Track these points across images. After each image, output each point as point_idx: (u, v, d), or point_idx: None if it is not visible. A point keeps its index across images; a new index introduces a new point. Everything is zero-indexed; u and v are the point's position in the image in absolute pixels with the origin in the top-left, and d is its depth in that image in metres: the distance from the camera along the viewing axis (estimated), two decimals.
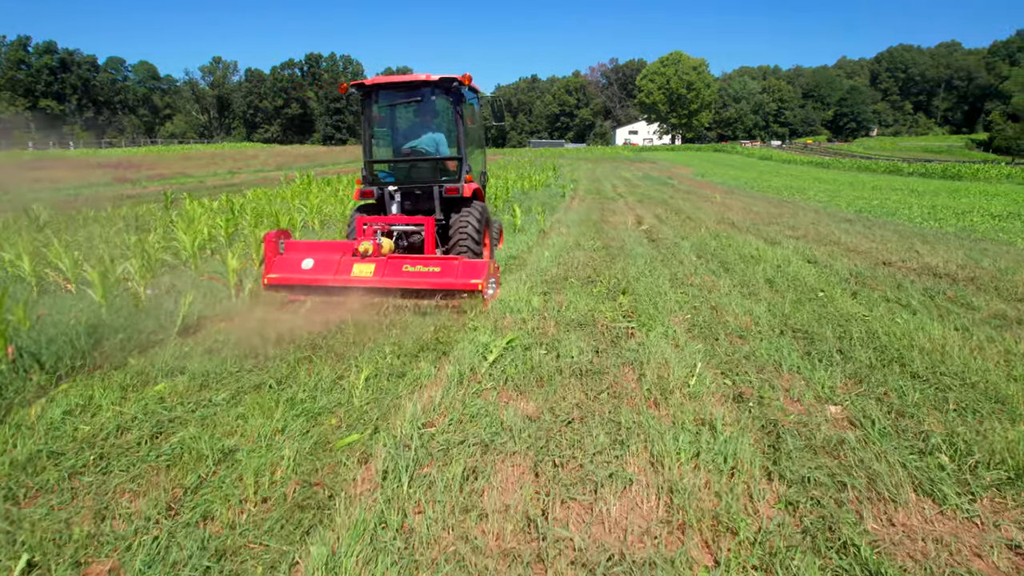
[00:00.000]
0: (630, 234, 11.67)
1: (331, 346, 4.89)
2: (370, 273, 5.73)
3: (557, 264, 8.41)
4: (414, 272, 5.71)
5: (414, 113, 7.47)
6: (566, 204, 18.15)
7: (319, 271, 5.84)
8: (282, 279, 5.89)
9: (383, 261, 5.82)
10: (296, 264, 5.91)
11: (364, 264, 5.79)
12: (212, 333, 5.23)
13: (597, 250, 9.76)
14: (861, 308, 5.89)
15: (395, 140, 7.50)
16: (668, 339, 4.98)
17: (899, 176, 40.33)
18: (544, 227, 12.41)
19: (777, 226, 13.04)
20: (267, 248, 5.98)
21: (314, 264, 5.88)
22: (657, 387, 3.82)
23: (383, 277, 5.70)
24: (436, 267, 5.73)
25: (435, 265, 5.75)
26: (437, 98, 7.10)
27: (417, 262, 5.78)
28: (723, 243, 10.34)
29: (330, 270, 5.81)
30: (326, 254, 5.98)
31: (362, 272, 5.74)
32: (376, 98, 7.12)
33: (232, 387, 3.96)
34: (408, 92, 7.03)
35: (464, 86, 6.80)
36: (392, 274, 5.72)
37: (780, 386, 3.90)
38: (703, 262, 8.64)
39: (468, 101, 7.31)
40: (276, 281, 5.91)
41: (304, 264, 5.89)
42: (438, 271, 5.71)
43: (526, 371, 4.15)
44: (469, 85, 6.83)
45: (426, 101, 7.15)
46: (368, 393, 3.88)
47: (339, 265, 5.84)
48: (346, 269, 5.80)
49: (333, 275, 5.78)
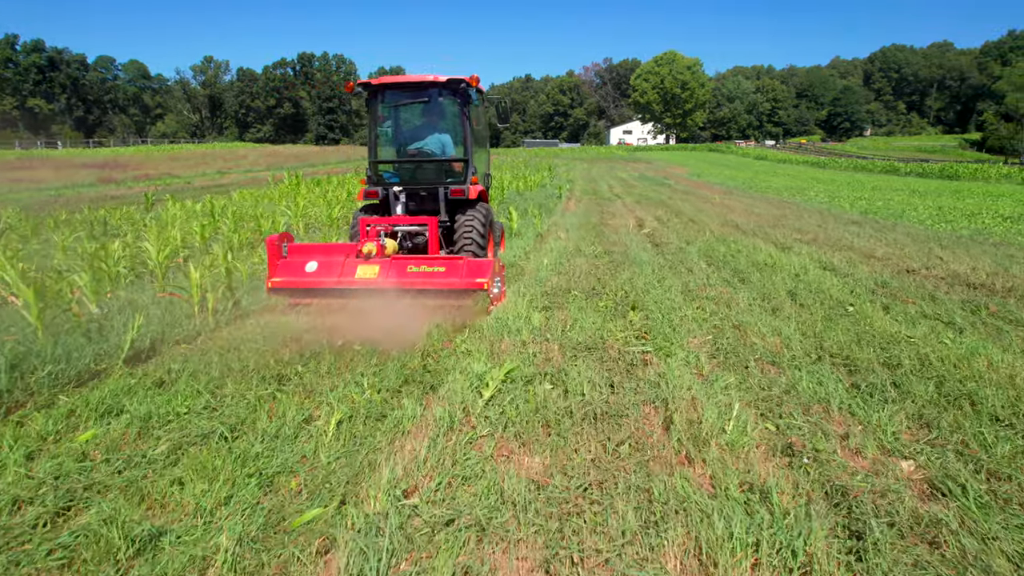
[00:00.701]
0: (632, 238, 11.03)
1: (302, 377, 4.22)
2: (374, 274, 5.64)
3: (557, 273, 7.76)
4: (419, 273, 5.63)
5: (420, 114, 7.40)
6: (563, 206, 17.49)
7: (323, 273, 5.75)
8: (286, 283, 5.77)
9: (387, 262, 5.72)
10: (300, 267, 5.82)
11: (368, 266, 5.71)
12: (166, 361, 4.54)
13: (599, 256, 9.11)
14: (900, 326, 5.26)
15: (401, 140, 7.42)
16: (690, 367, 4.33)
17: (896, 176, 39.96)
18: (541, 231, 11.75)
19: (784, 229, 12.44)
20: (270, 251, 5.84)
21: (318, 267, 5.79)
22: (688, 435, 3.16)
23: (388, 278, 5.60)
24: (441, 267, 5.65)
25: (440, 265, 5.66)
26: (444, 99, 7.02)
27: (422, 262, 5.71)
28: (731, 248, 9.72)
29: (334, 272, 5.73)
30: (330, 256, 5.89)
31: (366, 274, 5.66)
32: (383, 98, 7.02)
33: (175, 435, 3.27)
34: (415, 93, 6.94)
35: (472, 87, 6.74)
36: (397, 275, 5.63)
37: (834, 432, 3.25)
38: (715, 270, 8.01)
39: (474, 103, 7.21)
40: (280, 285, 5.77)
41: (308, 267, 5.81)
42: (443, 271, 5.63)
43: (529, 413, 3.48)
44: (476, 87, 6.77)
45: (433, 102, 7.07)
46: (339, 444, 3.21)
47: (343, 267, 5.76)
48: (350, 271, 5.72)
49: (337, 277, 5.69)
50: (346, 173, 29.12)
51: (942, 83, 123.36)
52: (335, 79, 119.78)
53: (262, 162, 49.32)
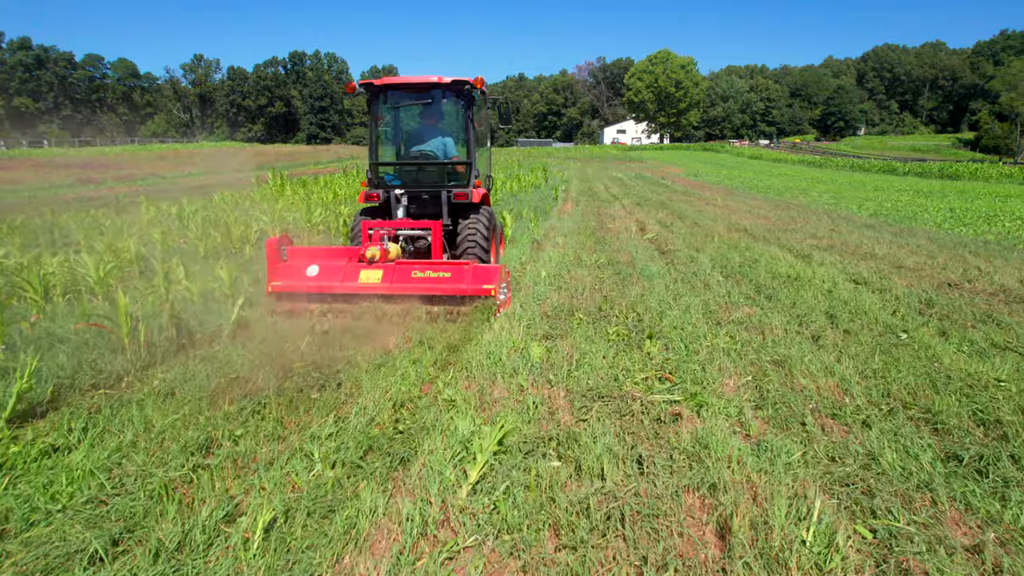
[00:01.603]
0: (636, 245, 10.12)
1: (237, 441, 3.27)
2: (378, 279, 5.52)
3: (557, 288, 6.84)
4: (424, 278, 5.50)
5: (423, 115, 7.28)
6: (559, 208, 16.55)
7: (325, 278, 5.60)
8: (287, 286, 5.60)
9: (391, 267, 5.60)
10: (301, 271, 5.67)
11: (371, 270, 5.56)
12: (68, 417, 3.57)
13: (602, 267, 8.19)
14: (974, 361, 4.37)
15: (403, 142, 7.28)
16: (733, 424, 3.42)
17: (895, 176, 39.28)
18: (537, 237, 10.81)
19: (796, 234, 11.55)
20: (269, 254, 5.69)
21: (320, 271, 5.65)
22: (755, 551, 2.24)
23: (392, 283, 5.48)
24: (446, 272, 5.51)
25: (445, 271, 5.53)
26: (448, 101, 6.95)
27: (427, 268, 5.58)
28: (746, 257, 8.82)
29: (336, 276, 5.58)
30: (331, 260, 5.75)
31: (370, 278, 5.52)
32: (384, 99, 6.88)
33: (28, 558, 2.31)
34: (418, 94, 6.86)
35: (476, 89, 6.61)
36: (401, 280, 5.50)
37: (958, 543, 2.34)
38: (734, 284, 7.11)
39: (478, 104, 7.10)
40: (281, 289, 5.61)
41: (309, 271, 5.66)
42: (449, 276, 5.49)
43: (531, 509, 2.56)
44: (480, 88, 6.63)
45: (436, 103, 6.97)
46: (264, 560, 2.27)
47: (345, 271, 5.60)
48: (353, 275, 5.56)
49: (340, 282, 5.54)
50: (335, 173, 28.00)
51: (934, 83, 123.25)
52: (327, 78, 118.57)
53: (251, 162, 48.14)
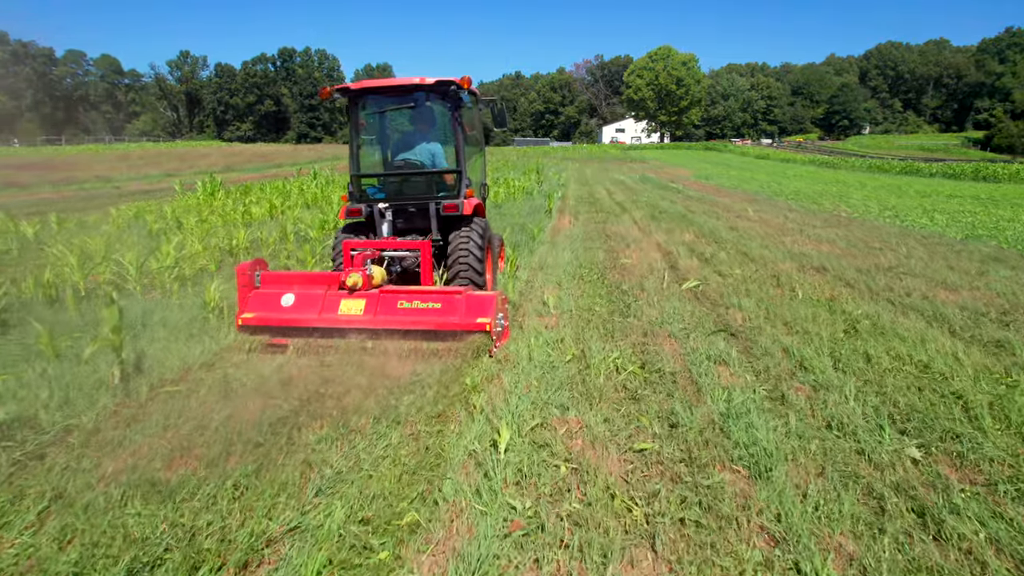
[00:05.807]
0: (673, 306, 6.41)
1: None
2: (360, 311, 4.93)
3: (549, 462, 3.45)
4: (411, 309, 4.90)
5: (407, 121, 6.85)
6: (553, 226, 13.09)
7: (301, 309, 5.00)
8: (259, 319, 5.00)
9: (375, 296, 5.01)
10: (275, 300, 5.06)
11: (353, 300, 4.99)
12: None
13: (637, 395, 4.27)
14: None
15: (386, 151, 6.80)
16: None
17: (921, 177, 35.93)
18: (513, 296, 6.81)
19: (907, 278, 7.68)
20: (240, 282, 5.15)
21: (295, 300, 5.05)
22: None
23: (375, 316, 4.89)
24: (436, 303, 4.89)
25: (435, 301, 4.91)
26: (433, 104, 6.39)
27: (414, 297, 4.96)
28: (880, 345, 5.19)
29: (314, 307, 5.00)
30: (308, 288, 5.13)
31: (351, 309, 4.95)
32: (364, 104, 6.38)
33: None
34: (400, 97, 6.36)
35: (463, 90, 5.99)
36: (385, 312, 4.90)
37: None
38: (896, 431, 3.71)
39: (467, 106, 6.40)
40: (252, 322, 5.00)
41: (284, 300, 5.05)
42: (439, 308, 4.87)
43: None
44: (468, 89, 6.00)
45: (420, 107, 6.43)
46: None
47: (324, 301, 5.02)
48: (332, 306, 4.98)
49: (318, 314, 4.95)
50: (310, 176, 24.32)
51: (939, 81, 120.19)
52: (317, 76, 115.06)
53: (221, 162, 44.75)
